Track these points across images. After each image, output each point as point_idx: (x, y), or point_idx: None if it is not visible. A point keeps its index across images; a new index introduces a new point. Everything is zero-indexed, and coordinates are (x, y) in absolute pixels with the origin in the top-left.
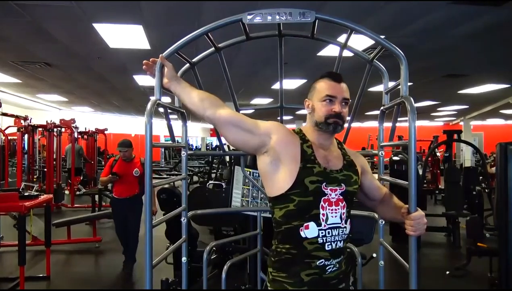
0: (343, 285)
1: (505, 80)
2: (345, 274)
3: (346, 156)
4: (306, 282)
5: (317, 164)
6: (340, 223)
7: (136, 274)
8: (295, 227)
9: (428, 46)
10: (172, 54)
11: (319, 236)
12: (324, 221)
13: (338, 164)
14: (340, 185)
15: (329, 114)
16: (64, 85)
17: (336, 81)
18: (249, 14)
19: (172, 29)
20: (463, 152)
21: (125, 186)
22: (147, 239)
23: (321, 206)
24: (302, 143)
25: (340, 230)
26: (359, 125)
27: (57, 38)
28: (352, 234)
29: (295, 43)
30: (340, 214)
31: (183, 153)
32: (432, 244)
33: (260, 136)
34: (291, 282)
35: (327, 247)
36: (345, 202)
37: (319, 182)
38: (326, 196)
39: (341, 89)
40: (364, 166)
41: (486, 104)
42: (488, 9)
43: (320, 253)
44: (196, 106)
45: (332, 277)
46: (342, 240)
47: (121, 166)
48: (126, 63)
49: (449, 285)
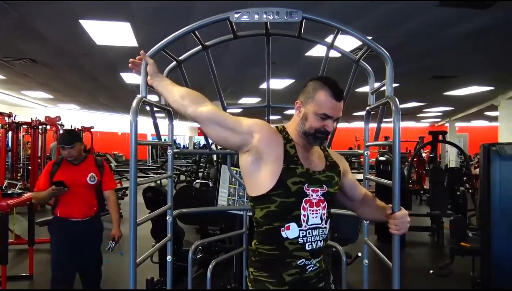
0: (323, 283)
1: (489, 83)
2: (325, 273)
3: (328, 157)
4: (288, 281)
5: (299, 165)
6: (320, 223)
7: (120, 274)
8: (276, 228)
9: (415, 48)
10: (158, 52)
11: (299, 237)
12: (305, 222)
13: (321, 165)
14: (322, 186)
15: (320, 130)
16: (50, 82)
17: (337, 100)
18: (236, 12)
19: (160, 26)
20: (448, 152)
21: (76, 202)
22: (131, 237)
23: (302, 207)
24: (285, 143)
25: (320, 230)
26: (346, 126)
27: (43, 34)
28: (337, 234)
29: (283, 43)
30: (320, 214)
31: (169, 151)
32: (417, 244)
33: (242, 134)
34: (273, 282)
35: (308, 247)
36: (326, 203)
37: (301, 183)
38: (307, 197)
39: (338, 108)
40: (345, 167)
41: (471, 106)
42: (474, 12)
43: (301, 253)
44: (178, 103)
45: (312, 276)
46: (322, 240)
47: (66, 171)
48: (113, 60)
49: (433, 284)
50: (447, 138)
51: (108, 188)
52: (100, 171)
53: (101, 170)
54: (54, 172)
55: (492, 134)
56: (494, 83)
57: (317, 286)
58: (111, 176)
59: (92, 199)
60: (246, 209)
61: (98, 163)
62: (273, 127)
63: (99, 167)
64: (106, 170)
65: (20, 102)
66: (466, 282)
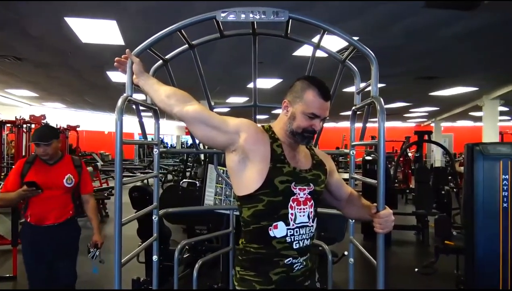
0: (309, 282)
1: (474, 84)
2: (311, 271)
3: (315, 156)
4: (274, 280)
5: (286, 164)
6: (307, 222)
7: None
8: (264, 227)
9: (401, 49)
10: (144, 50)
11: (287, 235)
12: (292, 220)
13: (307, 164)
14: (309, 185)
15: (307, 129)
16: (35, 81)
17: (324, 99)
18: (223, 11)
19: (147, 25)
20: (434, 152)
21: (49, 206)
22: (116, 237)
23: (290, 206)
24: (272, 142)
25: (307, 229)
26: (333, 126)
27: (28, 31)
28: (324, 233)
29: (270, 43)
30: (308, 213)
31: (155, 150)
32: (402, 242)
33: (228, 134)
34: (259, 281)
35: (295, 246)
36: (313, 201)
37: (288, 182)
38: (295, 195)
39: (326, 107)
40: (331, 166)
41: (456, 107)
42: (460, 14)
43: (288, 252)
44: (164, 103)
45: (299, 275)
46: (309, 238)
47: (40, 171)
48: (100, 59)
49: (417, 282)
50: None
51: (88, 191)
52: (78, 172)
53: (79, 170)
54: (25, 172)
55: (477, 134)
56: (479, 84)
57: (303, 284)
58: (90, 178)
59: (67, 203)
60: (233, 209)
61: (76, 163)
62: (259, 126)
63: (77, 167)
64: (85, 171)
65: (4, 101)
66: (450, 280)
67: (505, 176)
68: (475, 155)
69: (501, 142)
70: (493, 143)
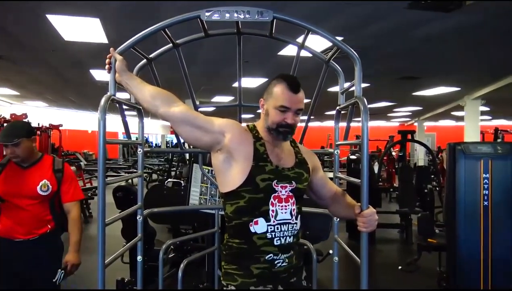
0: (294, 279)
1: (456, 84)
2: (296, 269)
3: (298, 154)
4: (256, 274)
5: (269, 162)
6: (290, 219)
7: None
8: (245, 222)
9: (384, 49)
10: (128, 49)
11: (268, 232)
12: (273, 217)
13: (290, 162)
14: (291, 182)
15: (281, 123)
16: (16, 79)
17: (293, 92)
18: (207, 11)
19: (131, 23)
20: (417, 151)
21: (20, 217)
22: (100, 237)
23: (271, 203)
24: (255, 141)
25: (290, 226)
26: (318, 125)
27: (8, 28)
28: (309, 231)
29: (256, 42)
30: (290, 210)
31: (139, 150)
32: (386, 240)
33: (213, 134)
34: (241, 274)
35: (276, 242)
36: (295, 199)
37: (270, 180)
38: (276, 192)
39: (296, 100)
40: (315, 164)
41: (438, 106)
42: (441, 15)
43: (269, 248)
44: (148, 103)
45: (282, 271)
46: (292, 236)
47: (11, 176)
48: (82, 57)
49: (401, 279)
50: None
51: (69, 200)
52: (57, 177)
53: (60, 175)
54: None
55: (459, 134)
56: (460, 84)
57: (288, 281)
58: (75, 183)
59: (44, 214)
60: (218, 208)
61: (56, 166)
62: (243, 126)
63: (57, 171)
64: (68, 175)
65: None
66: (433, 277)
67: (485, 174)
68: (457, 154)
69: (482, 141)
70: (474, 143)
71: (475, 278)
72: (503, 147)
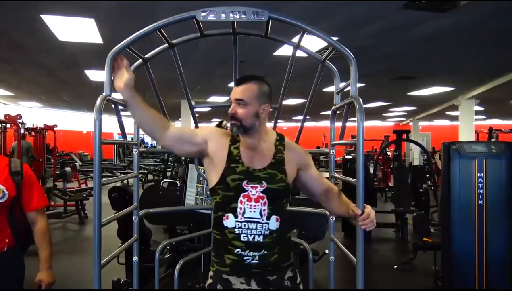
0: (274, 277)
1: (450, 84)
2: (276, 267)
3: (278, 154)
4: (228, 264)
5: (240, 164)
6: (259, 218)
7: (84, 276)
8: (220, 216)
9: (379, 49)
10: (123, 49)
11: (236, 227)
12: (241, 214)
13: (264, 163)
14: (261, 183)
15: (230, 117)
16: (10, 79)
17: (236, 85)
18: (203, 11)
19: (126, 23)
20: (412, 151)
21: None
22: (96, 238)
23: (240, 201)
24: (231, 145)
25: (258, 225)
26: (314, 125)
27: (1, 29)
28: (305, 231)
29: (251, 42)
30: (260, 210)
31: (135, 150)
32: (382, 240)
33: (199, 145)
34: (217, 262)
35: (243, 238)
36: (267, 199)
37: (240, 180)
38: (246, 192)
39: (236, 91)
40: (304, 162)
41: (433, 106)
42: (436, 15)
43: (237, 243)
44: (147, 125)
45: (254, 266)
46: (262, 235)
47: None
48: (77, 57)
49: (397, 278)
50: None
51: (34, 208)
52: (16, 181)
53: (19, 179)
54: None
55: (453, 133)
56: (455, 84)
57: (265, 277)
58: (38, 187)
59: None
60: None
61: (14, 167)
62: (224, 131)
63: (15, 174)
64: (29, 178)
65: None
66: (428, 275)
67: (480, 174)
68: (452, 153)
69: (476, 141)
70: (469, 142)
71: (470, 276)
72: (497, 146)
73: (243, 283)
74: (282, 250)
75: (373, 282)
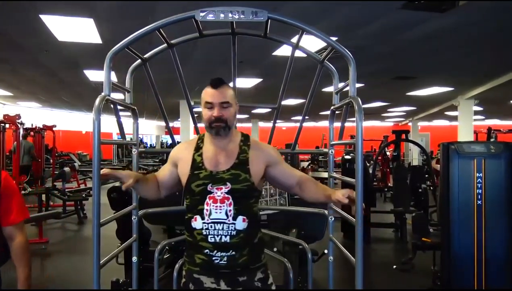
0: (245, 278)
1: (449, 84)
2: (246, 269)
3: (242, 154)
4: (198, 263)
5: (203, 169)
6: (225, 219)
7: (83, 276)
8: (189, 218)
9: (378, 49)
10: (122, 49)
11: (203, 229)
12: (207, 216)
13: (227, 164)
14: (226, 184)
15: (210, 120)
16: (9, 79)
17: (214, 88)
18: (202, 11)
19: (125, 23)
20: (411, 151)
21: None
22: (95, 238)
23: (206, 203)
24: (194, 153)
25: (225, 226)
26: (313, 125)
27: (1, 29)
28: (303, 231)
29: (250, 42)
30: (225, 210)
31: (134, 150)
32: (381, 240)
33: (173, 172)
34: (188, 261)
35: (210, 239)
36: (232, 200)
37: (204, 184)
38: (212, 194)
39: (217, 94)
40: (270, 159)
41: (432, 106)
42: (435, 16)
43: (205, 244)
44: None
45: (223, 266)
46: (229, 236)
47: None
48: (76, 57)
49: (396, 278)
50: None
51: (13, 221)
52: None
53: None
54: None
55: (452, 133)
56: (454, 84)
57: (234, 278)
58: (18, 198)
59: None
60: None
61: None
62: (186, 142)
63: None
64: (8, 188)
65: None
66: (427, 275)
67: (479, 174)
68: (451, 153)
69: (475, 141)
70: (468, 142)
71: (469, 276)
72: (496, 146)
73: (213, 283)
74: (252, 252)
75: (372, 282)
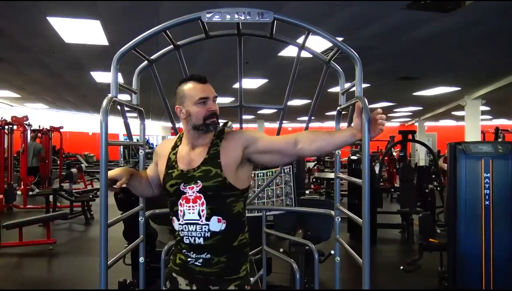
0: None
1: (456, 84)
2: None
3: (213, 148)
4: (178, 263)
5: (176, 168)
6: (198, 219)
7: (91, 277)
8: (171, 219)
9: (384, 49)
10: (129, 51)
11: (179, 230)
12: (181, 217)
13: (198, 161)
14: (197, 182)
15: (207, 115)
16: (16, 81)
17: (203, 83)
18: (208, 12)
19: (131, 24)
20: (418, 151)
21: None
22: (102, 239)
23: (180, 203)
24: (171, 151)
25: (198, 226)
26: (319, 126)
27: (8, 31)
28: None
29: (256, 43)
30: (198, 210)
31: (141, 151)
32: (388, 240)
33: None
34: (172, 260)
35: (185, 240)
36: (204, 199)
37: (177, 184)
38: (185, 194)
39: (209, 89)
40: (244, 141)
41: (439, 106)
42: (440, 15)
43: (182, 245)
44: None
45: (197, 271)
46: (202, 237)
47: None
48: (83, 59)
49: (402, 279)
50: (417, 137)
51: None
52: None
53: None
54: None
55: (459, 133)
56: (460, 84)
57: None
58: None
59: None
60: None
61: None
62: (166, 142)
63: None
64: None
65: None
66: (434, 277)
67: (486, 174)
68: (458, 153)
69: (482, 141)
70: (475, 142)
71: (477, 277)
72: (504, 146)
73: (187, 285)
74: (231, 259)
75: (378, 283)
